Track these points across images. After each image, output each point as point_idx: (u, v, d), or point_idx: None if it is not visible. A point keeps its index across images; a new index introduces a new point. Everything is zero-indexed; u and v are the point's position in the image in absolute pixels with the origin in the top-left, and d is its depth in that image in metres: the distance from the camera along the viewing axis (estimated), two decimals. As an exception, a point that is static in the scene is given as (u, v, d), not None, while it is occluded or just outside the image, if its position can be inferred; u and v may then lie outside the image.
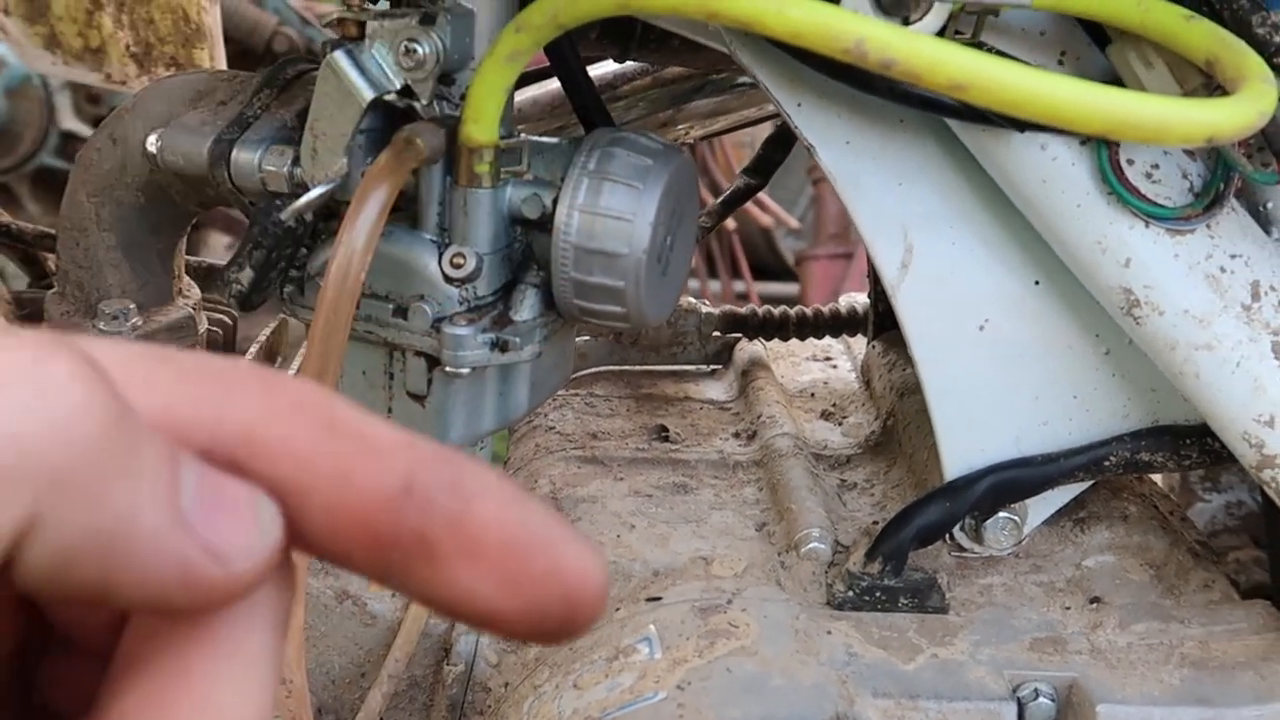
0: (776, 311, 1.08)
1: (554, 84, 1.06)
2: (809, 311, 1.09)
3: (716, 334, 1.07)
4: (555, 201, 0.67)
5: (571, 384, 1.06)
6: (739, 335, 1.08)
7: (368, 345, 0.70)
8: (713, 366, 1.09)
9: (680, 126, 1.05)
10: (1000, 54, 0.66)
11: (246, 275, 0.65)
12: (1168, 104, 0.52)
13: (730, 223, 3.35)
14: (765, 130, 1.08)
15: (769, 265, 3.66)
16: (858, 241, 3.33)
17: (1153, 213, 0.68)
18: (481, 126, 0.65)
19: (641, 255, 0.66)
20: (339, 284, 0.62)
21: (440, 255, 0.67)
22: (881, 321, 1.03)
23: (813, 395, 1.04)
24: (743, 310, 1.08)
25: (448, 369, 0.67)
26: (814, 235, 3.67)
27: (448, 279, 0.67)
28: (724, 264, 3.42)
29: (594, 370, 1.07)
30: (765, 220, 3.40)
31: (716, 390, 1.05)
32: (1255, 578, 0.92)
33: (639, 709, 0.69)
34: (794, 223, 3.41)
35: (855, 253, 3.29)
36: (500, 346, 0.67)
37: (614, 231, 0.66)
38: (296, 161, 0.69)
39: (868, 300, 1.08)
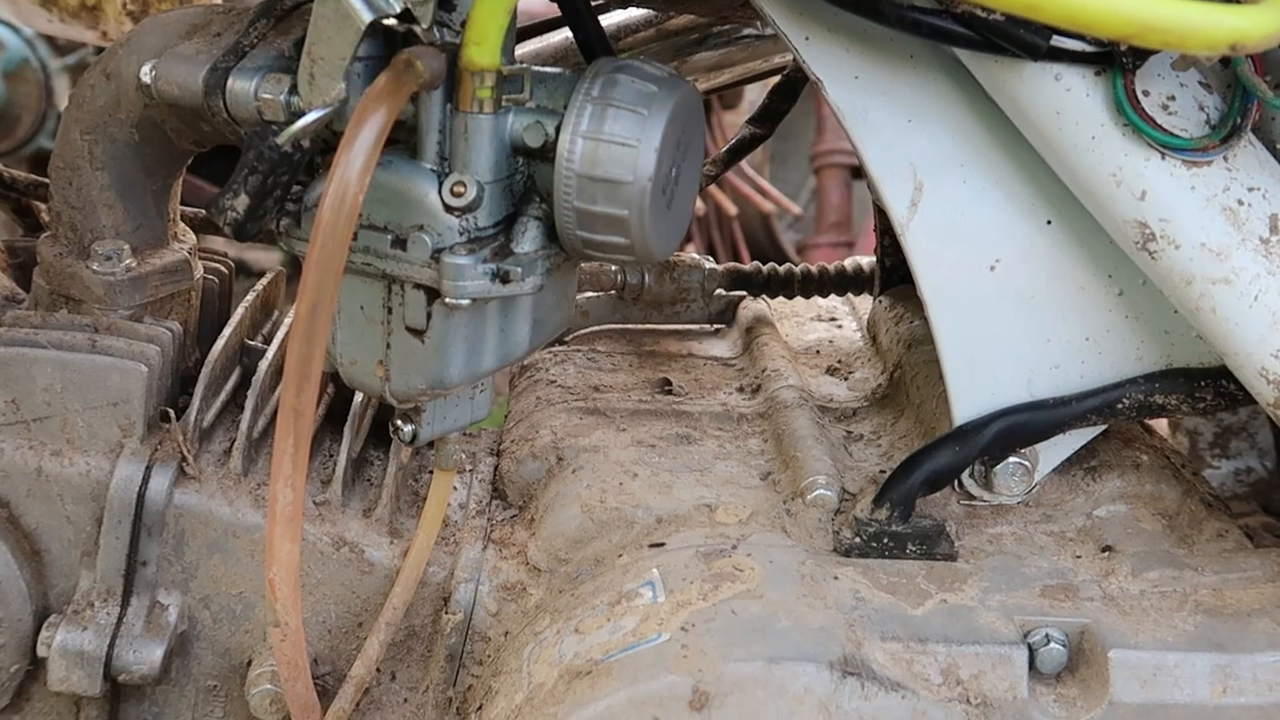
0: (782, 269, 1.07)
1: (557, 37, 1.04)
2: (814, 269, 1.07)
3: (720, 291, 1.05)
4: (558, 129, 0.65)
5: (574, 341, 1.04)
6: (743, 293, 1.07)
7: (366, 279, 0.68)
8: (716, 326, 1.07)
9: (685, 79, 1.03)
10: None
11: (241, 202, 0.63)
12: (1191, 8, 0.51)
13: (731, 208, 3.34)
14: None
15: (769, 255, 3.64)
16: (859, 231, 3.32)
17: (1169, 143, 0.67)
18: (484, 50, 0.63)
19: (646, 183, 0.64)
20: (336, 207, 0.60)
21: (440, 184, 0.66)
22: (888, 276, 1.02)
23: (818, 353, 1.03)
24: (747, 267, 1.06)
25: (447, 300, 0.65)
26: (816, 224, 3.66)
27: (448, 208, 0.65)
28: (725, 252, 3.41)
29: (596, 328, 1.06)
30: (766, 206, 3.39)
31: (720, 348, 1.04)
32: (1264, 544, 0.90)
33: (642, 650, 0.68)
34: (795, 208, 3.40)
35: (856, 242, 3.28)
36: (501, 278, 0.66)
37: (618, 158, 0.64)
38: (294, 90, 0.67)
39: (874, 259, 1.06)
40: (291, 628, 0.70)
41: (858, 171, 3.28)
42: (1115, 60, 0.66)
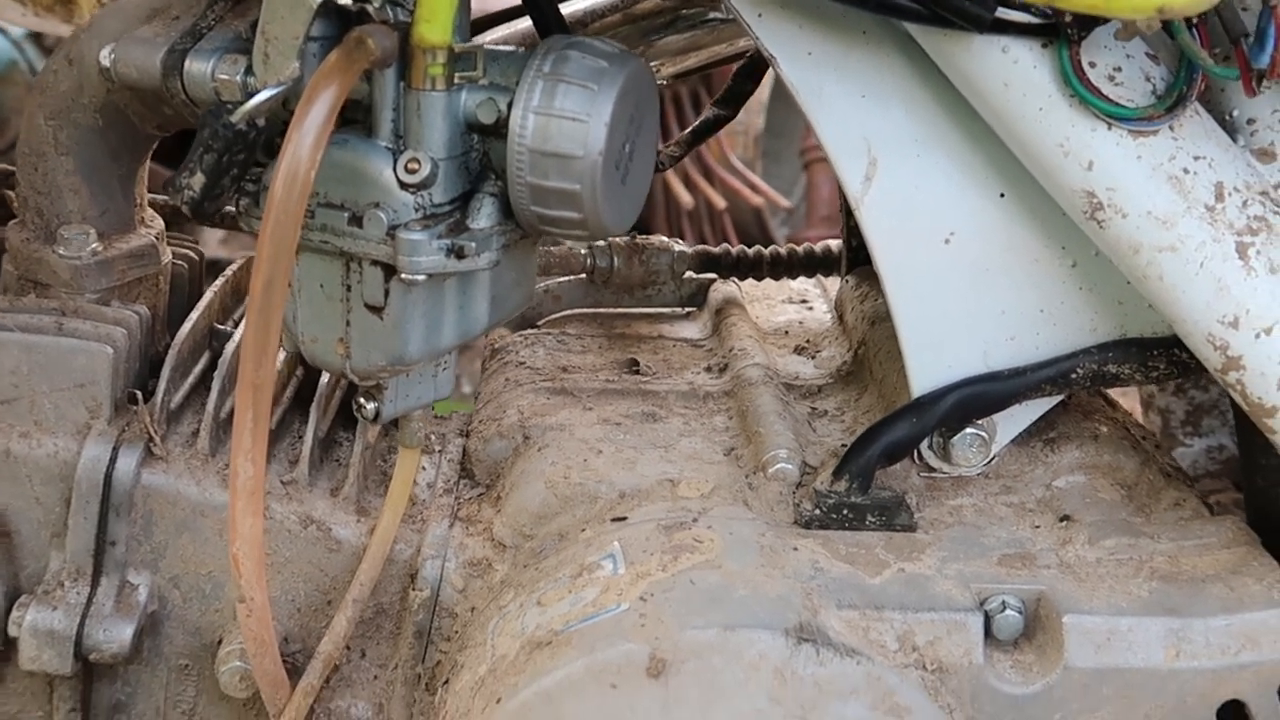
0: (750, 251, 1.08)
1: (523, 23, 1.05)
2: (783, 250, 1.08)
3: (691, 274, 1.06)
4: (510, 105, 0.66)
5: (545, 324, 1.05)
6: (714, 276, 1.08)
7: (325, 257, 0.69)
8: (688, 309, 1.08)
9: (652, 63, 1.04)
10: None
11: (198, 180, 0.64)
12: (1118, -26, 0.52)
13: (720, 202, 3.35)
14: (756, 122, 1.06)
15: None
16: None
17: (1115, 113, 0.68)
18: (434, 27, 0.64)
19: (597, 158, 0.65)
20: (288, 182, 0.61)
21: (395, 161, 0.67)
22: (855, 256, 1.03)
23: (787, 333, 1.03)
24: (716, 250, 1.07)
25: (404, 276, 0.66)
26: (806, 219, 3.66)
27: (402, 185, 0.66)
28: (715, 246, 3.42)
29: (568, 312, 1.07)
30: (755, 200, 3.40)
31: (690, 330, 1.04)
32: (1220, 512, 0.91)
33: (601, 620, 0.69)
34: (784, 201, 3.40)
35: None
36: (456, 253, 0.66)
37: (569, 133, 0.65)
38: (250, 70, 0.68)
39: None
40: (257, 603, 0.71)
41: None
42: (1061, 32, 0.67)
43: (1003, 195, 0.75)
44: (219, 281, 0.89)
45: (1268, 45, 0.63)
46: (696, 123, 1.02)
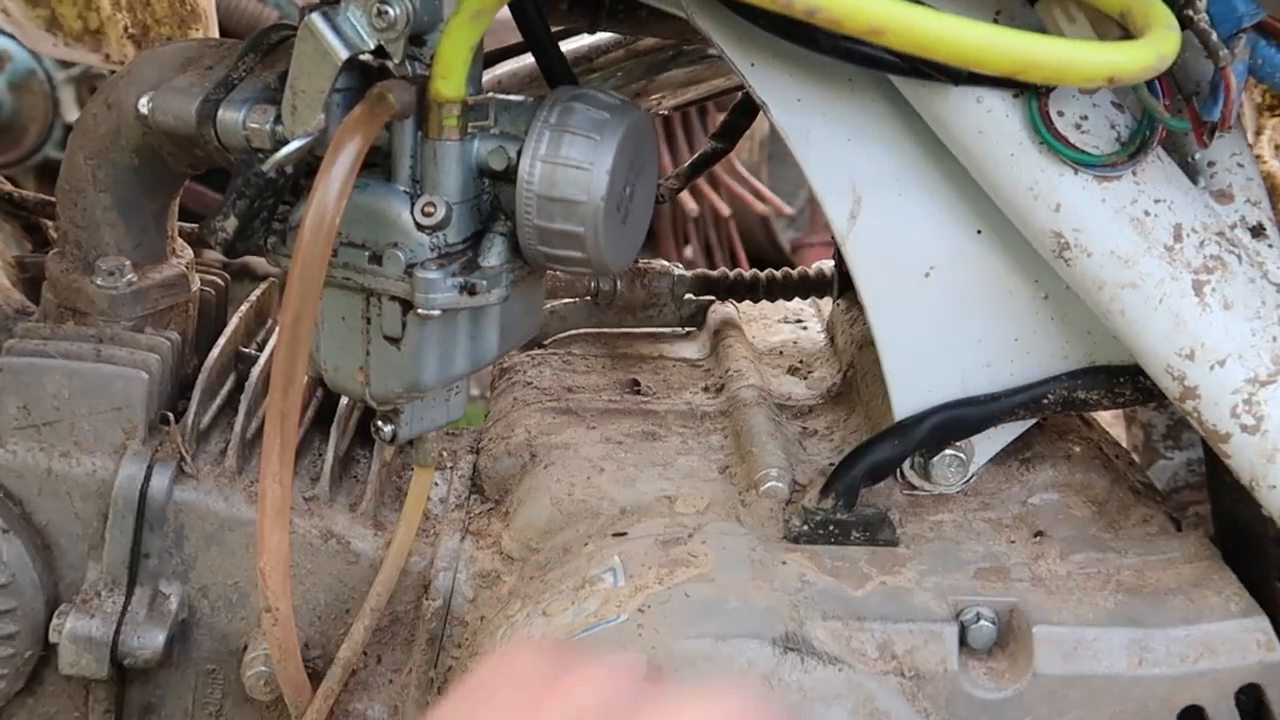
0: (747, 274, 1.13)
1: (532, 58, 1.10)
2: (778, 274, 1.13)
3: (690, 296, 1.11)
4: (519, 153, 0.71)
5: (551, 345, 1.10)
6: (712, 298, 1.13)
7: (347, 292, 0.75)
8: (687, 329, 1.13)
9: (654, 95, 1.10)
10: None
11: (231, 224, 0.70)
12: (1072, 46, 0.57)
13: (725, 209, 3.40)
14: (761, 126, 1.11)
15: (768, 253, 3.69)
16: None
17: (1081, 160, 0.73)
18: (449, 82, 0.69)
19: (600, 202, 0.71)
20: (315, 227, 0.66)
21: (412, 205, 0.72)
22: (845, 280, 1.08)
23: (781, 353, 1.09)
24: (715, 273, 1.12)
25: (420, 311, 0.71)
26: (811, 222, 3.71)
27: (419, 226, 0.71)
28: (722, 253, 3.47)
29: (573, 332, 1.12)
30: (761, 208, 3.45)
31: (690, 350, 1.10)
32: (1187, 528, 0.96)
33: (603, 630, 0.74)
34: (787, 209, 3.45)
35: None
36: (469, 290, 0.72)
37: (574, 180, 0.70)
38: (278, 119, 0.73)
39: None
40: (282, 613, 0.77)
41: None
42: (1030, 85, 0.72)
43: (979, 232, 0.80)
44: (244, 307, 0.95)
45: (1219, 100, 0.68)
46: (695, 157, 1.07)
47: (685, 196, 3.27)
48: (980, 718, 0.75)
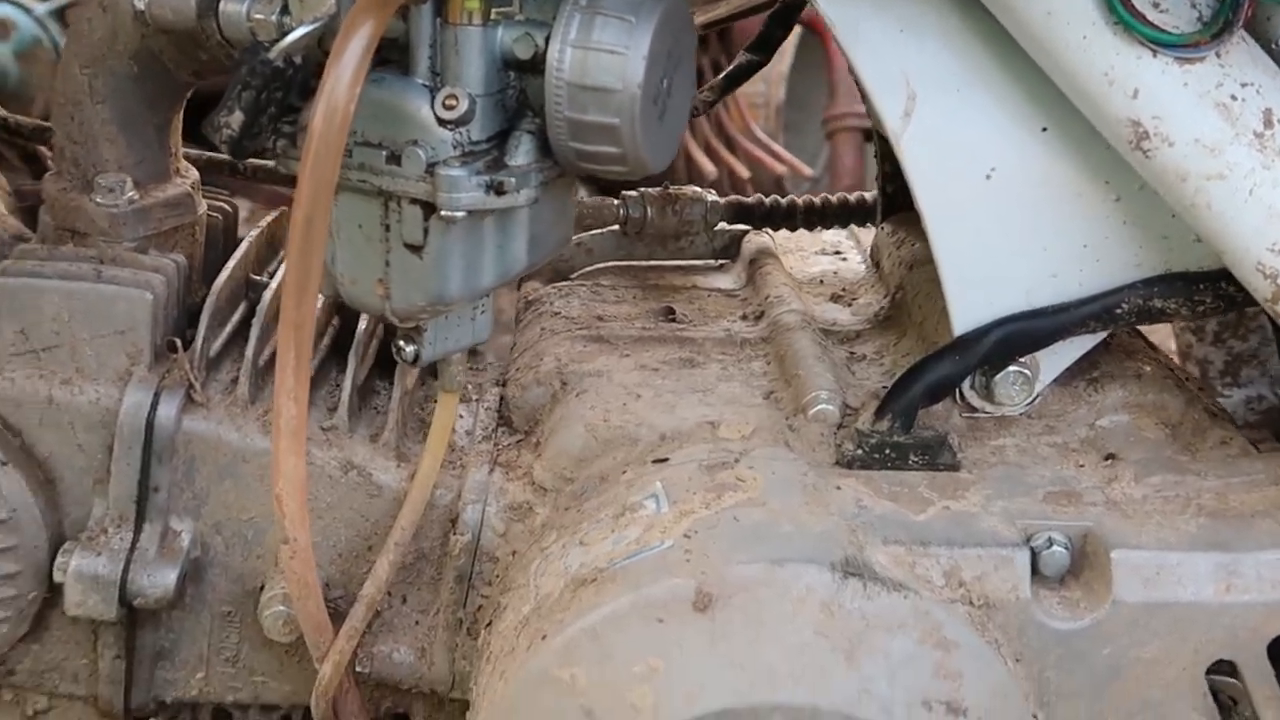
0: (784, 200, 1.07)
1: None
2: (817, 200, 1.07)
3: (723, 225, 1.05)
4: (548, 40, 0.66)
5: (578, 277, 1.05)
6: (746, 227, 1.07)
7: (364, 196, 0.69)
8: (721, 260, 1.08)
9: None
10: None
11: (236, 118, 0.64)
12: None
13: (744, 171, 3.34)
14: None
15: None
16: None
17: (1161, 40, 0.67)
18: (471, -40, 0.64)
19: (636, 90, 0.65)
20: (328, 117, 0.61)
21: (433, 98, 0.66)
22: (890, 203, 1.02)
23: (822, 282, 1.03)
24: (749, 199, 1.06)
25: (443, 213, 0.66)
26: (829, 188, 3.65)
27: (441, 121, 0.66)
28: (739, 216, 3.41)
29: (602, 265, 1.06)
30: (778, 168, 3.38)
31: (725, 280, 1.04)
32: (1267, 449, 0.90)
33: (647, 557, 0.68)
34: (807, 170, 3.39)
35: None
36: (495, 189, 0.66)
37: (607, 66, 0.65)
38: (285, 9, 0.68)
39: (876, 192, 1.06)
40: (300, 544, 0.71)
41: (870, 134, 3.28)
42: (1105, -44, 0.66)
43: (1045, 129, 0.74)
44: (254, 232, 0.89)
45: (1320, -36, 0.61)
46: (730, 68, 1.01)
47: (703, 159, 3.21)
48: (1054, 649, 0.70)
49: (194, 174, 0.86)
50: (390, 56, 0.69)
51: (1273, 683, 0.70)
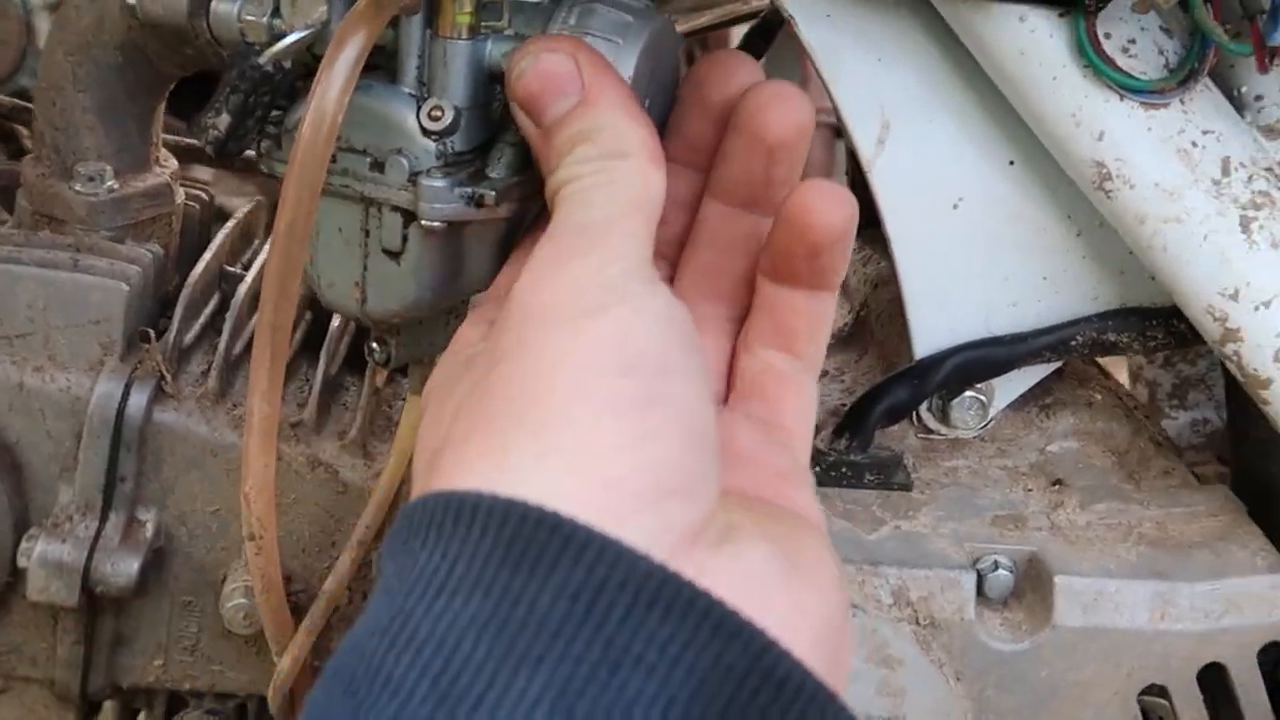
0: (754, 212, 1.08)
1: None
2: (786, 213, 1.09)
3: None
4: (534, 57, 0.66)
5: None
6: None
7: (345, 202, 0.70)
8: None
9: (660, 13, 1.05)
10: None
11: (223, 120, 0.65)
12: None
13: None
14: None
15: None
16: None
17: (1128, 85, 0.69)
18: (462, -25, 0.64)
19: (619, 111, 0.66)
20: (316, 124, 0.61)
21: (418, 108, 0.67)
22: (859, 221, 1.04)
23: (787, 295, 1.04)
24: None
25: (423, 222, 0.67)
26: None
27: (425, 131, 0.67)
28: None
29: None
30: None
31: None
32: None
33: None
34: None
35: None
36: (476, 201, 0.67)
37: (592, 86, 0.66)
38: (276, 12, 0.68)
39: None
40: (266, 542, 0.72)
41: (840, 131, 3.31)
42: (1078, 2, 0.68)
43: (1012, 163, 0.76)
44: (230, 224, 0.90)
45: (1282, 23, 0.64)
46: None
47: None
48: (996, 669, 0.72)
49: (173, 163, 0.86)
50: (377, 62, 0.70)
51: (1200, 708, 0.73)
